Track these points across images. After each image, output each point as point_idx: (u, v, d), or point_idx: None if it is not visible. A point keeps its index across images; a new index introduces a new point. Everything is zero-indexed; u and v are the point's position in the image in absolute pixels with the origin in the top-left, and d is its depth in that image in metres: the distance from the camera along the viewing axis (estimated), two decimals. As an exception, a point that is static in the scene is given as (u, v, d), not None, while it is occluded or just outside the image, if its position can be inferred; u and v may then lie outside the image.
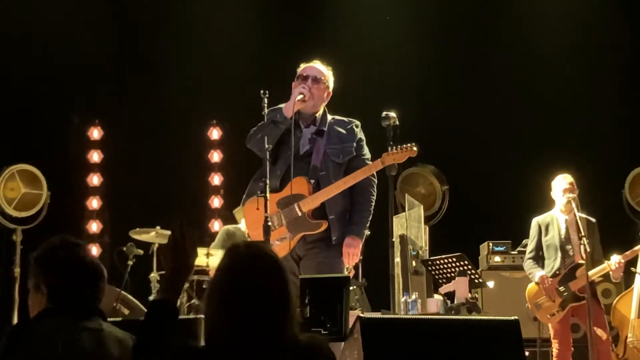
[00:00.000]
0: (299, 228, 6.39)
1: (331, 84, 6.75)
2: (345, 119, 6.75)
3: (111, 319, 5.44)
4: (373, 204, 6.65)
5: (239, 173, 6.87)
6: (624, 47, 11.80)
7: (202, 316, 3.18)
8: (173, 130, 11.60)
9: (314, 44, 11.52)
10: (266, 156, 6.20)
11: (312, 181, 6.44)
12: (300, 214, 6.38)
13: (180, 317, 3.29)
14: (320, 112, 6.69)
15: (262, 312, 3.05)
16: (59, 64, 11.63)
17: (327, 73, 6.73)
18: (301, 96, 6.48)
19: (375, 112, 7.02)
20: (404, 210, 8.86)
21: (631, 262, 8.48)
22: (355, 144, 6.63)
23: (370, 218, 6.66)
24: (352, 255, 6.49)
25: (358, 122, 6.78)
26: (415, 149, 6.48)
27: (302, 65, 6.76)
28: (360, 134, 6.72)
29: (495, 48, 12.04)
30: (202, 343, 3.17)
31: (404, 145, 6.48)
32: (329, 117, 6.72)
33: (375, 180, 6.68)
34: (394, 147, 6.49)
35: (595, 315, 7.85)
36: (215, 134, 12.09)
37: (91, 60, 11.65)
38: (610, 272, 8.13)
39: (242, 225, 8.73)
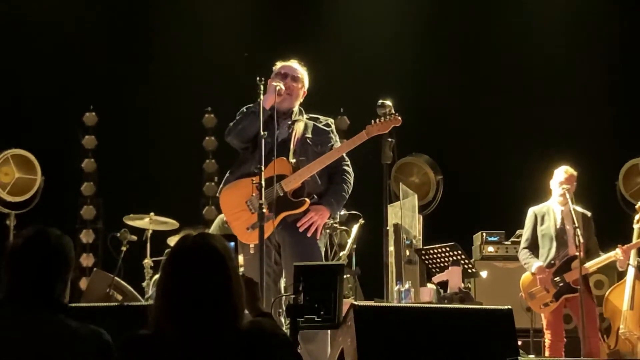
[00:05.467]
0: (280, 208, 6.41)
1: (307, 84, 6.84)
2: (319, 116, 6.87)
3: (105, 304, 5.46)
4: (349, 185, 6.71)
5: (233, 160, 6.86)
6: (618, 40, 11.80)
7: None
8: (168, 116, 11.59)
9: (309, 33, 11.57)
10: (261, 142, 6.22)
11: (293, 161, 6.48)
12: (281, 193, 6.41)
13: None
14: (296, 109, 6.78)
15: (201, 301, 3.14)
16: (53, 49, 11.63)
17: (303, 72, 6.85)
18: (278, 87, 6.55)
19: (370, 101, 7.03)
20: (398, 200, 8.87)
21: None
22: (332, 136, 6.77)
23: (345, 197, 6.73)
24: (312, 219, 6.49)
25: (332, 120, 6.93)
26: (399, 118, 6.56)
27: (279, 64, 6.86)
28: (334, 130, 6.87)
29: (491, 38, 12.05)
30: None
31: (388, 116, 6.55)
32: (305, 114, 6.80)
33: (348, 162, 6.75)
34: (378, 119, 6.55)
35: (587, 308, 7.87)
36: (209, 120, 12.09)
37: (86, 46, 11.63)
38: (618, 260, 8.16)
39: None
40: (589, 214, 8.39)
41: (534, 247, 8.40)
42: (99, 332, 3.49)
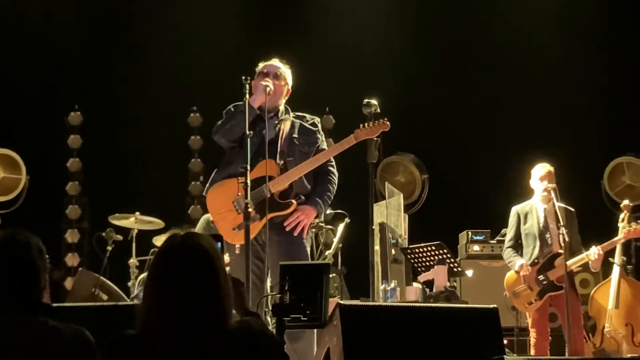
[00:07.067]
0: (268, 209, 6.41)
1: (290, 81, 6.86)
2: (306, 115, 6.89)
3: (90, 304, 5.44)
4: (334, 186, 6.75)
5: (219, 159, 6.86)
6: (602, 39, 11.82)
7: None
8: (153, 115, 11.56)
9: (295, 32, 11.57)
10: (247, 142, 6.22)
11: (281, 162, 6.49)
12: (269, 195, 6.41)
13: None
14: (282, 108, 6.79)
15: (189, 300, 3.14)
16: (38, 49, 11.58)
17: (285, 70, 6.85)
18: (268, 88, 6.56)
19: (356, 99, 7.04)
20: (383, 199, 8.88)
21: (609, 253, 8.52)
22: (319, 136, 6.78)
23: (331, 198, 6.77)
24: (298, 218, 6.51)
25: (318, 118, 6.95)
26: (387, 123, 6.61)
27: (261, 64, 6.87)
28: (321, 129, 6.88)
29: (476, 38, 12.06)
30: None
31: (377, 120, 6.57)
32: (291, 113, 6.81)
33: (333, 163, 6.78)
34: (367, 123, 6.58)
35: (571, 306, 7.87)
36: (195, 120, 12.08)
37: (71, 45, 11.59)
38: (590, 262, 8.16)
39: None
40: (572, 209, 8.37)
41: (517, 246, 8.41)
42: (81, 331, 3.48)
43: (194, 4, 12.18)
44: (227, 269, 6.75)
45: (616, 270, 8.74)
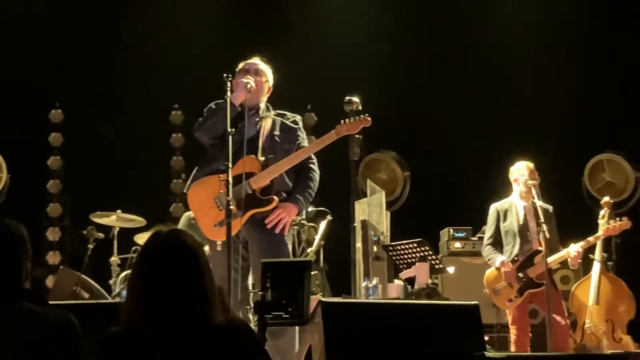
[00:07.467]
0: (248, 206, 6.43)
1: (271, 79, 6.89)
2: (287, 113, 6.90)
3: (71, 302, 5.43)
4: (315, 183, 6.76)
5: (200, 157, 6.86)
6: (584, 34, 11.86)
7: None
8: (134, 113, 11.54)
9: (277, 30, 11.56)
10: (229, 139, 6.23)
11: (262, 159, 6.50)
12: (250, 191, 6.42)
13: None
14: (262, 105, 6.81)
15: (175, 297, 3.14)
16: (18, 47, 11.54)
17: (266, 67, 6.88)
18: (249, 85, 6.58)
19: (338, 97, 7.05)
20: (365, 196, 8.89)
21: (590, 249, 8.56)
22: (300, 134, 6.80)
23: (312, 195, 6.79)
24: (280, 215, 6.51)
25: (299, 116, 6.96)
26: (369, 118, 6.64)
27: (242, 63, 6.89)
28: (302, 127, 6.90)
29: (457, 36, 12.08)
30: None
31: (358, 116, 6.58)
32: (272, 111, 6.82)
33: (314, 160, 6.79)
34: (348, 119, 6.59)
35: (554, 302, 7.90)
36: (177, 117, 12.05)
37: (52, 42, 11.55)
38: (569, 260, 8.18)
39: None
40: (550, 208, 8.39)
41: (496, 243, 8.43)
42: (66, 315, 3.51)
43: (175, 2, 12.16)
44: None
45: (596, 267, 8.79)
